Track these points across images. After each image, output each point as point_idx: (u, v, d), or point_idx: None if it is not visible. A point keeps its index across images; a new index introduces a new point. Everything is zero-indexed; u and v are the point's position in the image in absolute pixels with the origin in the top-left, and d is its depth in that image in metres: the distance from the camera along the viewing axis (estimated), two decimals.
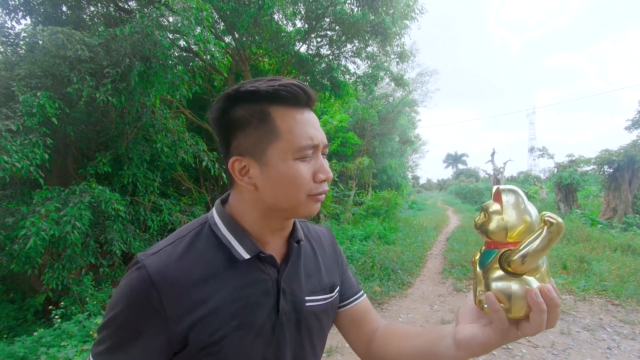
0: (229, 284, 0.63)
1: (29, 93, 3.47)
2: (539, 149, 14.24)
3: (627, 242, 7.18)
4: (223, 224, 0.66)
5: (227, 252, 0.64)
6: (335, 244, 0.89)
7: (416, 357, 0.67)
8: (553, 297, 0.48)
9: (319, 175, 0.63)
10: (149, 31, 3.66)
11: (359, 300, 0.85)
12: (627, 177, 10.26)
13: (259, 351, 0.64)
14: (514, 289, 0.49)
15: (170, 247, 0.63)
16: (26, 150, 3.33)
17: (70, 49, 3.60)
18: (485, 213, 0.54)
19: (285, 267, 0.70)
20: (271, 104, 0.60)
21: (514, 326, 0.51)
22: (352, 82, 8.33)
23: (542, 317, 0.48)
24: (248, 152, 0.62)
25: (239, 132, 0.62)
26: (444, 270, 6.14)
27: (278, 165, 0.60)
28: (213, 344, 0.59)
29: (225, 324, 0.61)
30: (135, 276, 0.59)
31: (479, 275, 0.55)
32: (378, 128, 15.28)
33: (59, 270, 3.66)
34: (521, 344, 3.39)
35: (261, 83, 0.60)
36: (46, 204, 3.45)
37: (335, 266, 0.84)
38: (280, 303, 0.67)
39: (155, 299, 0.57)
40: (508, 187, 0.53)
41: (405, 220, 12.45)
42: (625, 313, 4.10)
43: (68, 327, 3.10)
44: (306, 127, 0.61)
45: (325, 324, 0.77)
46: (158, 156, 5.06)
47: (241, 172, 0.63)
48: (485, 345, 0.53)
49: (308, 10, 6.84)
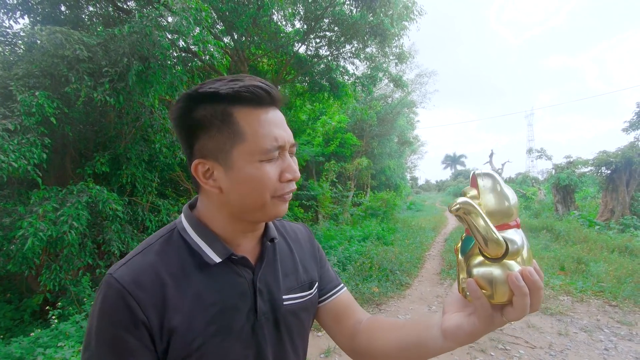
0: (202, 289, 0.61)
1: (27, 92, 3.46)
2: (537, 150, 14.29)
3: (625, 243, 7.20)
4: (192, 228, 0.65)
5: (198, 257, 0.63)
6: (313, 239, 0.88)
7: (403, 348, 0.66)
8: (535, 279, 0.47)
9: (286, 174, 0.62)
10: (147, 31, 3.66)
11: (338, 293, 0.84)
12: (624, 178, 10.30)
13: (239, 354, 0.63)
14: (495, 274, 0.48)
15: (140, 256, 0.61)
16: (24, 149, 3.31)
17: (69, 48, 3.59)
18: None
19: (260, 267, 0.69)
20: (233, 104, 0.58)
21: (498, 312, 0.50)
22: (350, 82, 8.33)
23: (525, 300, 0.47)
24: (211, 155, 0.60)
25: (201, 133, 0.60)
26: (442, 271, 6.15)
27: (243, 168, 0.59)
28: (193, 351, 0.58)
29: (203, 331, 0.59)
30: (109, 292, 0.56)
31: (461, 262, 0.54)
32: (377, 129, 15.28)
33: (56, 271, 3.64)
34: (519, 345, 3.40)
35: (222, 84, 0.58)
36: (44, 204, 3.43)
37: (313, 262, 0.83)
38: (257, 304, 0.66)
39: (135, 307, 0.55)
40: (484, 171, 0.53)
41: (403, 221, 12.47)
42: (623, 314, 4.11)
43: (65, 328, 3.09)
44: (270, 127, 0.60)
45: (306, 322, 0.76)
46: (156, 156, 5.05)
47: (205, 175, 0.61)
48: (471, 333, 0.52)
49: (307, 11, 6.84)
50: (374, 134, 15.46)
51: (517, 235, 0.49)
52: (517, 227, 0.51)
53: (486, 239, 0.47)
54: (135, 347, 0.55)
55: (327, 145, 12.17)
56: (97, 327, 0.56)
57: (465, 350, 3.30)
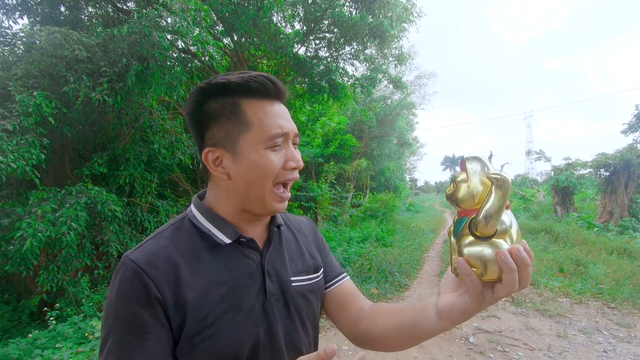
0: (214, 269, 0.65)
1: (25, 93, 3.46)
2: (536, 152, 14.32)
3: (623, 245, 7.21)
4: (202, 215, 0.69)
5: (208, 240, 0.67)
6: (316, 230, 0.92)
7: (401, 330, 0.69)
8: (522, 256, 0.48)
9: (290, 162, 0.66)
10: (146, 32, 3.66)
11: (342, 281, 0.87)
12: (623, 180, 10.32)
13: (251, 331, 0.66)
14: (485, 252, 0.50)
15: (153, 240, 0.65)
16: (22, 150, 3.30)
17: (68, 48, 3.59)
18: (453, 183, 0.55)
19: (268, 250, 0.72)
20: (241, 96, 0.63)
21: (489, 289, 0.52)
22: (350, 84, 8.34)
23: (513, 276, 0.48)
24: (221, 143, 0.64)
25: (211, 124, 0.64)
26: (441, 273, 6.14)
27: (249, 155, 0.63)
28: (206, 328, 0.61)
29: (215, 308, 0.62)
30: (125, 272, 0.60)
31: (453, 244, 0.56)
32: (376, 130, 15.30)
33: (54, 271, 3.63)
34: (518, 347, 3.40)
35: (232, 76, 0.63)
36: (42, 205, 3.43)
37: (317, 251, 0.86)
38: (266, 284, 0.69)
39: (150, 285, 0.58)
40: (472, 155, 0.54)
41: (402, 223, 12.47)
42: (621, 316, 4.11)
43: (63, 329, 3.08)
44: (275, 117, 0.64)
45: (315, 304, 0.79)
46: (155, 157, 5.05)
47: (215, 163, 0.66)
48: (463, 311, 0.55)
49: (307, 12, 6.85)
50: (373, 136, 15.47)
51: (506, 216, 0.51)
52: (507, 207, 0.52)
53: (490, 218, 0.49)
54: (150, 323, 0.58)
55: (326, 146, 12.18)
56: (115, 305, 0.59)
57: (465, 353, 3.30)
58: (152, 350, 0.57)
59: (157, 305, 0.58)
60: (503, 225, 0.50)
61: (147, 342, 0.57)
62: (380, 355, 3.26)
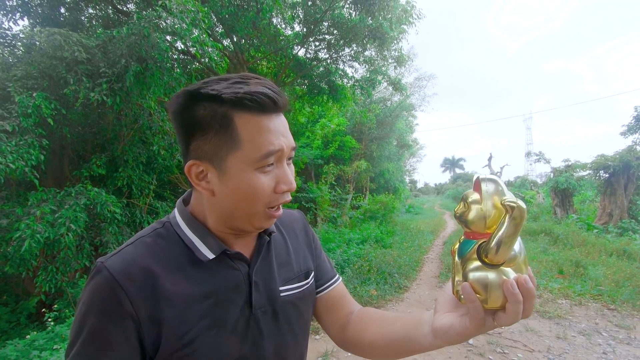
0: (196, 282, 0.61)
1: (25, 94, 3.46)
2: (535, 153, 14.34)
3: (623, 247, 7.21)
4: (185, 224, 0.64)
5: (191, 253, 0.62)
6: (308, 227, 0.87)
7: (393, 342, 0.67)
8: (529, 287, 0.48)
9: (281, 186, 0.60)
10: (146, 33, 3.67)
11: (334, 285, 0.84)
12: (622, 182, 10.33)
13: (234, 348, 0.62)
14: (491, 279, 0.49)
15: (131, 247, 0.60)
16: (21, 151, 3.31)
17: (67, 50, 3.59)
18: (464, 203, 0.53)
19: (257, 261, 0.68)
20: (235, 109, 0.55)
21: (490, 316, 0.51)
22: (350, 85, 8.35)
23: (518, 307, 0.48)
24: (207, 158, 0.58)
25: (199, 134, 0.57)
26: (441, 274, 6.13)
27: (237, 176, 0.57)
28: (185, 345, 0.57)
29: (196, 324, 0.58)
30: (98, 280, 0.56)
31: (457, 264, 0.54)
32: (376, 132, 15.31)
33: (53, 273, 3.63)
34: (517, 348, 3.39)
35: (225, 86, 0.55)
36: (41, 206, 3.43)
37: (308, 251, 0.82)
38: (252, 297, 0.65)
39: (123, 299, 0.54)
40: (488, 176, 0.52)
41: (402, 224, 12.46)
42: (621, 318, 4.11)
43: (61, 330, 3.07)
44: (269, 136, 0.57)
45: (305, 312, 0.76)
46: (154, 158, 5.05)
47: (198, 177, 0.60)
48: (461, 334, 0.53)
49: (306, 14, 6.87)
50: (373, 137, 15.48)
51: (517, 243, 0.50)
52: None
53: (502, 246, 0.47)
54: (117, 340, 0.54)
55: (326, 148, 12.19)
56: (84, 314, 0.55)
57: (464, 354, 3.29)
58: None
59: (128, 321, 0.54)
60: (512, 253, 0.49)
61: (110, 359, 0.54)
62: None
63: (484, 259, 0.50)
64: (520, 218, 0.47)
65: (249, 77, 0.58)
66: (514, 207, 0.47)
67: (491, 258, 0.49)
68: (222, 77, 0.57)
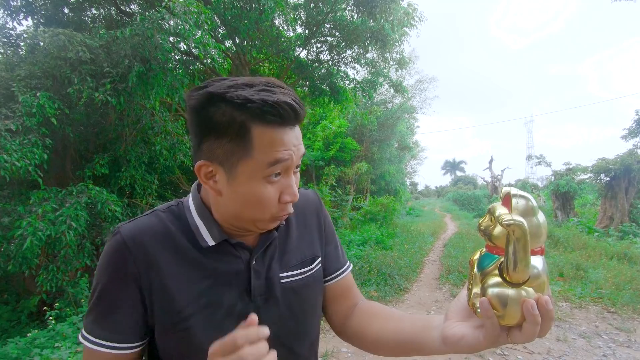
0: (197, 264, 0.64)
1: (28, 93, 3.49)
2: (536, 156, 14.33)
3: (624, 250, 7.20)
4: (195, 208, 0.67)
5: (194, 237, 0.65)
6: (321, 210, 0.84)
7: (399, 341, 0.67)
8: (549, 309, 0.47)
9: (285, 197, 0.61)
10: (149, 34, 3.69)
11: (342, 275, 0.83)
12: (623, 185, 10.33)
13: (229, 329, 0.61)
14: (511, 297, 0.48)
15: (147, 217, 0.66)
16: (25, 150, 3.33)
17: (72, 50, 3.62)
18: (490, 216, 0.51)
19: (259, 250, 0.69)
20: (254, 120, 0.55)
21: (504, 332, 0.51)
22: (351, 87, 8.37)
23: (535, 328, 0.48)
24: (218, 160, 0.59)
25: (213, 136, 0.57)
26: (441, 276, 6.13)
27: (245, 183, 0.59)
28: (181, 320, 0.61)
29: (193, 302, 0.62)
30: (112, 242, 0.62)
31: (477, 277, 0.53)
32: (377, 134, 15.32)
33: (54, 272, 3.64)
34: (517, 350, 3.39)
35: (252, 93, 0.54)
36: (43, 205, 3.44)
37: (317, 236, 0.80)
38: (252, 284, 0.67)
39: (129, 261, 0.60)
40: (520, 192, 0.51)
41: (403, 226, 12.46)
42: (621, 321, 4.10)
43: (62, 329, 3.09)
44: (281, 147, 0.57)
45: (310, 299, 0.75)
46: (156, 159, 5.07)
47: (207, 176, 0.61)
48: (473, 347, 0.54)
49: (308, 16, 6.90)
50: (374, 139, 15.49)
51: (539, 261, 0.49)
52: (541, 253, 0.50)
53: (517, 265, 0.46)
54: (122, 299, 0.60)
55: (327, 149, 12.20)
56: (100, 272, 0.62)
57: (464, 355, 3.29)
58: (118, 325, 0.60)
59: (132, 283, 0.60)
60: (534, 271, 0.48)
61: (115, 317, 0.60)
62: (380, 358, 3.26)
63: (505, 277, 0.49)
64: (522, 234, 0.45)
65: (275, 85, 0.57)
66: (510, 224, 0.46)
67: (511, 277, 0.48)
68: (246, 83, 0.56)
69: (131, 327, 0.61)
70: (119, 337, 0.61)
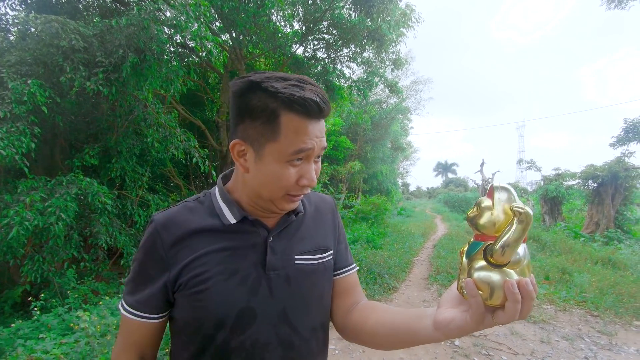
0: (218, 239, 0.73)
1: (18, 80, 3.41)
2: (527, 161, 14.50)
3: (608, 255, 7.34)
4: (219, 194, 0.77)
5: (218, 217, 0.75)
6: (336, 214, 0.92)
7: (393, 331, 0.71)
8: (529, 290, 0.51)
9: (303, 180, 0.68)
10: (145, 24, 3.64)
11: (348, 273, 0.89)
12: (610, 192, 10.52)
13: (243, 298, 0.71)
14: (494, 278, 0.52)
15: (176, 208, 0.76)
16: (12, 138, 3.26)
17: (65, 38, 3.55)
18: (477, 207, 0.56)
19: (277, 230, 0.77)
20: (284, 108, 0.63)
21: (489, 313, 0.54)
22: (346, 86, 8.38)
23: (516, 307, 0.51)
24: (249, 140, 0.67)
25: (247, 119, 0.66)
26: (430, 276, 6.19)
27: (270, 163, 0.66)
28: (200, 282, 0.69)
29: (212, 267, 0.70)
30: (148, 229, 0.74)
31: (464, 264, 0.58)
32: (370, 133, 15.37)
33: (39, 262, 3.58)
34: (502, 351, 3.44)
35: (284, 86, 0.62)
36: (31, 194, 3.38)
37: (330, 232, 0.88)
38: (267, 258, 0.73)
39: (159, 244, 0.71)
40: (502, 185, 0.56)
41: (393, 226, 12.52)
42: (604, 324, 4.19)
43: (47, 320, 3.04)
44: (305, 136, 0.65)
45: (319, 285, 0.80)
46: (148, 151, 5.01)
47: (239, 154, 0.70)
48: (461, 328, 0.57)
49: (306, 13, 6.88)
50: (367, 139, 15.54)
51: (522, 248, 0.53)
52: (524, 240, 0.54)
53: (507, 247, 0.51)
54: (153, 276, 0.71)
55: None
56: (139, 251, 0.74)
57: (449, 355, 3.33)
58: (149, 297, 0.71)
59: (160, 261, 0.71)
60: (517, 256, 0.52)
61: (147, 290, 0.71)
62: (367, 355, 3.28)
63: (489, 259, 0.53)
64: (527, 223, 0.51)
65: (306, 82, 0.65)
66: (521, 212, 0.51)
67: (496, 258, 0.52)
68: (282, 76, 0.65)
69: (155, 300, 0.72)
70: (144, 308, 0.72)
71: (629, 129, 10.61)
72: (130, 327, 0.73)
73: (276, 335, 0.73)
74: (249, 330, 0.71)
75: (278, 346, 0.73)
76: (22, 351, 2.43)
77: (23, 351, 2.44)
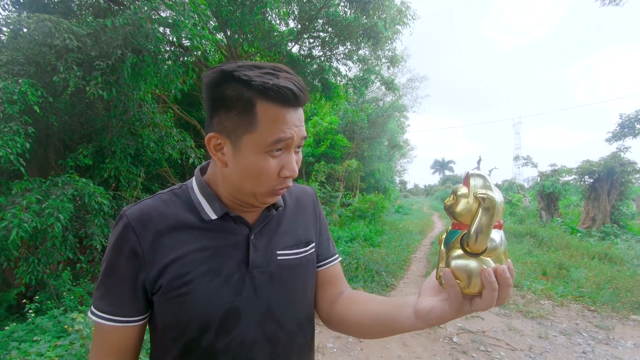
0: (198, 237, 0.69)
1: (10, 80, 3.37)
2: (523, 157, 14.55)
3: (605, 250, 7.39)
4: (197, 188, 0.73)
5: (197, 213, 0.71)
6: (317, 205, 0.91)
7: (377, 321, 0.71)
8: (505, 277, 0.50)
9: (284, 171, 0.66)
10: (142, 23, 3.60)
11: (331, 264, 0.88)
12: (606, 187, 10.58)
13: (227, 299, 0.68)
14: (471, 267, 0.52)
15: (150, 200, 0.71)
16: (6, 138, 3.22)
17: (58, 37, 3.51)
18: (454, 196, 0.56)
19: (259, 227, 0.74)
20: (259, 97, 0.60)
21: (468, 301, 0.54)
22: (343, 84, 8.35)
23: (493, 294, 0.51)
24: (226, 133, 0.64)
25: (222, 110, 0.63)
26: (428, 274, 6.20)
27: (248, 155, 0.63)
28: (183, 285, 0.65)
29: (194, 268, 0.66)
30: (118, 225, 0.68)
31: (442, 252, 0.57)
32: (367, 131, 15.37)
33: (34, 264, 3.55)
34: (500, 347, 3.45)
35: (257, 74, 0.60)
36: (26, 195, 3.35)
37: (312, 225, 0.86)
38: (250, 256, 0.71)
39: (133, 241, 0.65)
40: (477, 172, 0.55)
41: (391, 224, 12.54)
42: (601, 319, 4.21)
43: (42, 322, 3.01)
44: (283, 125, 0.62)
45: (302, 278, 0.79)
46: (143, 151, 4.97)
47: (216, 148, 0.67)
48: (440, 317, 0.57)
49: (301, 10, 6.84)
50: (364, 137, 15.54)
51: (498, 235, 0.53)
52: (499, 227, 0.54)
53: (479, 235, 0.50)
54: (127, 275, 0.66)
55: (317, 146, 12.19)
56: (109, 250, 0.68)
57: (448, 352, 3.34)
58: (121, 300, 0.66)
59: (136, 259, 0.65)
60: (493, 244, 0.52)
61: (121, 291, 0.66)
62: (365, 353, 3.28)
63: (465, 247, 0.53)
64: (491, 208, 0.50)
65: (280, 70, 0.63)
66: (484, 198, 0.50)
67: (471, 247, 0.52)
68: (255, 65, 0.62)
69: (133, 301, 0.67)
70: (121, 311, 0.66)
71: (624, 124, 10.68)
72: (106, 335, 0.67)
73: (262, 333, 0.71)
74: (234, 330, 0.69)
75: (265, 343, 0.71)
76: (16, 354, 2.40)
77: (17, 354, 2.41)
